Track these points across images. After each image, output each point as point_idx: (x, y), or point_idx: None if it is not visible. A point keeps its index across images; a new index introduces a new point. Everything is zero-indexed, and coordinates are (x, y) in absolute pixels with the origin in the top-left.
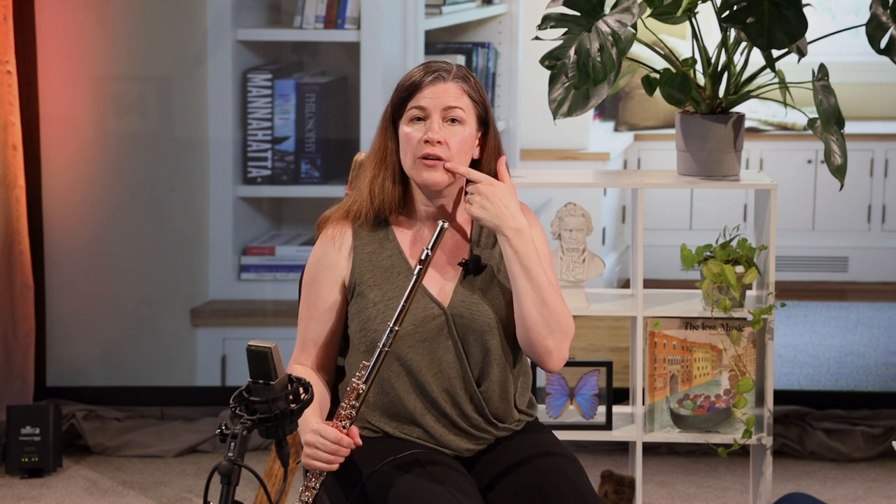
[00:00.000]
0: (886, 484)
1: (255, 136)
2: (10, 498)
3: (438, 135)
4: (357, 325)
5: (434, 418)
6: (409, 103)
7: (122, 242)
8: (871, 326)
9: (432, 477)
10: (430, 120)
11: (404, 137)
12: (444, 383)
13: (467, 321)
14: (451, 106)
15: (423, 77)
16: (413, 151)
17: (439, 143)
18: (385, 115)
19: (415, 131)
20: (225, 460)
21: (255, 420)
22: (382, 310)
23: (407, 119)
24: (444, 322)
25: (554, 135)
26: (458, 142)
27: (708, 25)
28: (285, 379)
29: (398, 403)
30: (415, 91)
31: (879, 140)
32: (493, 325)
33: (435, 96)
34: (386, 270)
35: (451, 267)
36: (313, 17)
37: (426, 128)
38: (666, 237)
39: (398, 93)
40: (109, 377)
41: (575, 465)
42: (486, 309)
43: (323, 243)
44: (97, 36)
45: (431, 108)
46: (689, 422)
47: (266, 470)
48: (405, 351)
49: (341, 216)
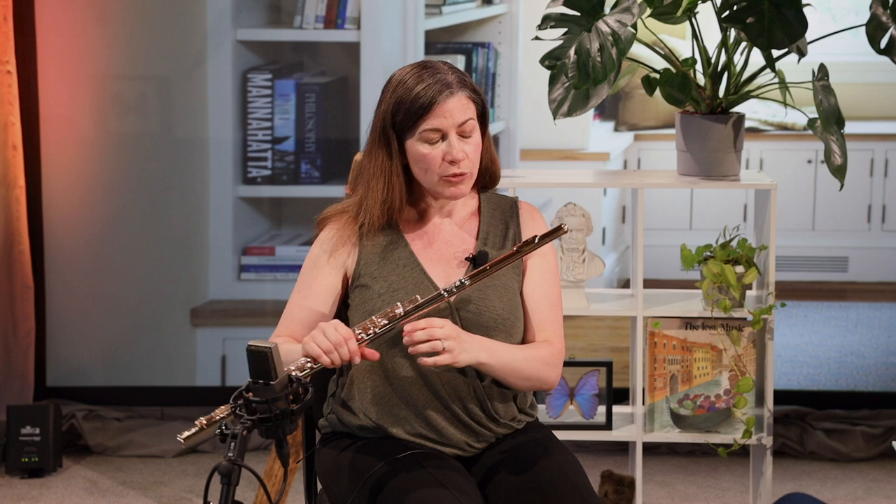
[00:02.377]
0: (886, 484)
1: (255, 136)
2: (10, 498)
3: (461, 153)
4: (360, 317)
5: (437, 411)
6: (420, 124)
7: (122, 242)
8: (871, 326)
9: (433, 477)
10: (448, 139)
11: (421, 157)
12: (447, 376)
13: (474, 316)
14: (465, 120)
15: (435, 95)
16: (438, 172)
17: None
18: (385, 129)
19: (434, 151)
20: (225, 460)
21: (255, 420)
22: (388, 301)
23: (421, 140)
24: (448, 315)
25: (554, 135)
26: (477, 151)
27: (708, 25)
28: (285, 379)
29: (404, 394)
30: (426, 112)
31: (879, 140)
32: (499, 321)
33: (448, 115)
34: (391, 263)
35: (457, 262)
36: (313, 17)
37: (446, 148)
38: (666, 237)
39: (409, 112)
40: (109, 377)
41: (575, 465)
42: (494, 306)
43: (328, 233)
44: (97, 36)
45: (447, 128)
46: (689, 422)
47: (266, 470)
48: None
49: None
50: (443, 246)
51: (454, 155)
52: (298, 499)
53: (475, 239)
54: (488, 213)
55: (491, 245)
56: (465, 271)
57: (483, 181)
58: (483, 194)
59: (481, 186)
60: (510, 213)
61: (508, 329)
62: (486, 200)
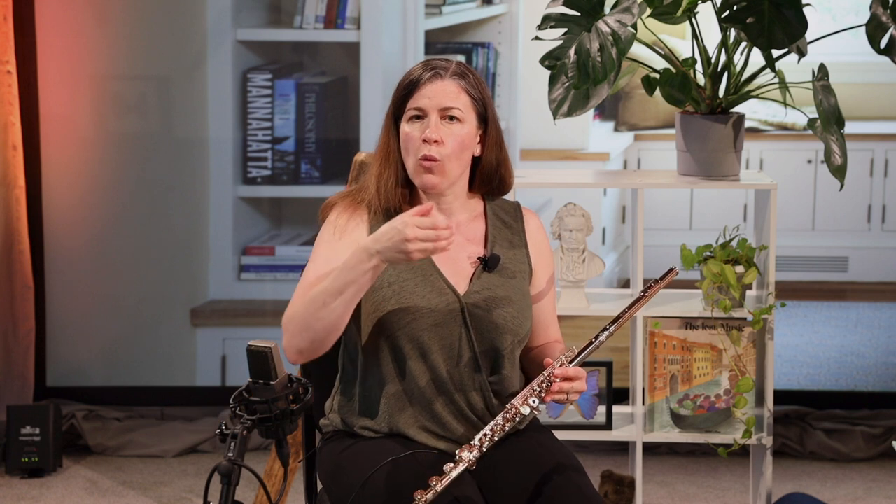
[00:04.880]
0: (886, 484)
1: (255, 136)
2: (10, 498)
3: (436, 134)
4: (371, 306)
5: (442, 403)
6: (408, 102)
7: (122, 242)
8: (871, 326)
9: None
10: (428, 119)
11: (405, 137)
12: (452, 369)
13: (483, 312)
14: (449, 106)
15: (421, 75)
16: (414, 152)
17: (436, 143)
18: (388, 112)
19: (414, 130)
20: (225, 460)
21: (255, 420)
22: (397, 291)
23: (407, 118)
24: (458, 310)
25: (554, 135)
26: (456, 140)
27: (708, 25)
28: (285, 379)
29: (411, 384)
30: (413, 90)
31: (879, 140)
32: (509, 321)
33: (432, 95)
34: None
35: (465, 260)
36: (313, 17)
37: (424, 126)
38: (666, 237)
39: (398, 91)
40: (109, 377)
41: (576, 465)
42: (504, 304)
43: (337, 216)
44: (97, 36)
45: (429, 108)
46: (689, 422)
47: (266, 470)
48: (420, 332)
49: (351, 201)
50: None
51: (427, 134)
52: (298, 499)
53: (483, 241)
54: (494, 217)
55: (498, 249)
56: (476, 272)
57: (490, 186)
58: (488, 199)
59: (488, 192)
60: (514, 216)
61: (517, 329)
62: (490, 205)
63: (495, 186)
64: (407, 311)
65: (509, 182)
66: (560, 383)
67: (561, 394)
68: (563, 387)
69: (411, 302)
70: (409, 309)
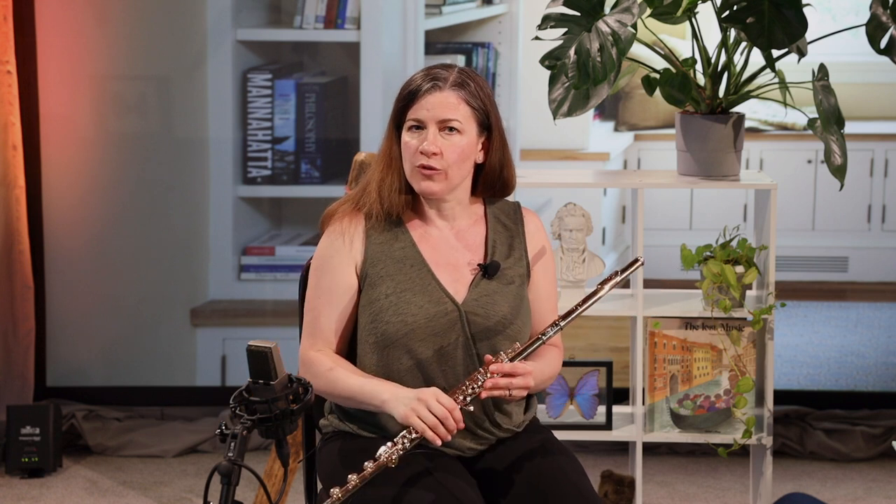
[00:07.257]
0: (886, 484)
1: (255, 136)
2: (10, 498)
3: (433, 146)
4: (367, 318)
5: None
6: (408, 112)
7: (122, 242)
8: (871, 326)
9: (433, 477)
10: (426, 130)
11: (404, 145)
12: (451, 379)
13: (482, 319)
14: (447, 118)
15: (420, 85)
16: (411, 160)
17: (435, 155)
18: (390, 119)
19: (413, 140)
20: (225, 460)
21: (255, 420)
22: (395, 302)
23: (406, 128)
24: (456, 318)
25: (554, 135)
26: (455, 152)
27: (708, 25)
28: (285, 379)
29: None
30: (412, 100)
31: (879, 140)
32: (506, 325)
33: (431, 107)
34: (398, 262)
35: (465, 267)
36: (313, 17)
37: (423, 138)
38: (666, 237)
39: (398, 101)
40: (109, 377)
41: (575, 465)
42: (503, 311)
43: (334, 230)
44: (97, 36)
45: (427, 120)
46: (689, 422)
47: (266, 470)
48: (415, 344)
49: (350, 209)
50: (448, 251)
51: (425, 147)
52: (298, 499)
53: (483, 246)
54: (494, 220)
55: (497, 255)
56: (475, 279)
57: (493, 189)
58: (489, 202)
59: (490, 194)
60: (514, 218)
61: (515, 333)
62: (491, 209)
63: (498, 189)
64: (404, 324)
65: (512, 184)
66: (496, 379)
67: (498, 389)
68: (500, 383)
69: (409, 313)
70: (407, 321)
